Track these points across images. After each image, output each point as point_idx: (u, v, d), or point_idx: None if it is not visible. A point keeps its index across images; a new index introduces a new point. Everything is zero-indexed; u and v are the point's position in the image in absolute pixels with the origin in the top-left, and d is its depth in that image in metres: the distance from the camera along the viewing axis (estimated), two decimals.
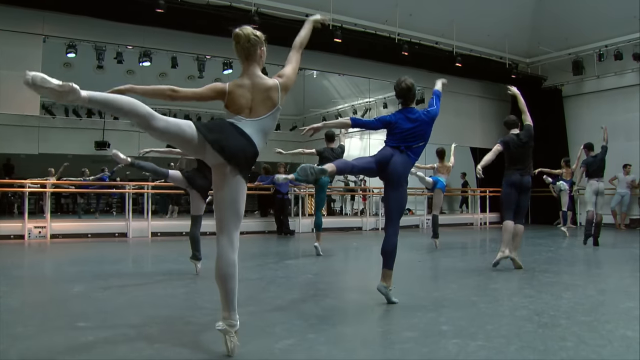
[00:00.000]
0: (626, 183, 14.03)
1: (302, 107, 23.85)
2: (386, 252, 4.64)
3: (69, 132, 20.08)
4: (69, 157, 20.20)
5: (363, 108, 22.60)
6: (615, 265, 7.20)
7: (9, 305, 4.29)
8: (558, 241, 10.77)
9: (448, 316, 4.10)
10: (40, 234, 9.91)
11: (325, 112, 24.19)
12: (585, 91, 15.76)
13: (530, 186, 6.70)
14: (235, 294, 3.18)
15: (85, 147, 20.22)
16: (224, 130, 3.07)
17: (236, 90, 3.19)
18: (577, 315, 4.10)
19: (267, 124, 3.24)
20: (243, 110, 3.18)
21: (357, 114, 22.72)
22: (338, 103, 23.58)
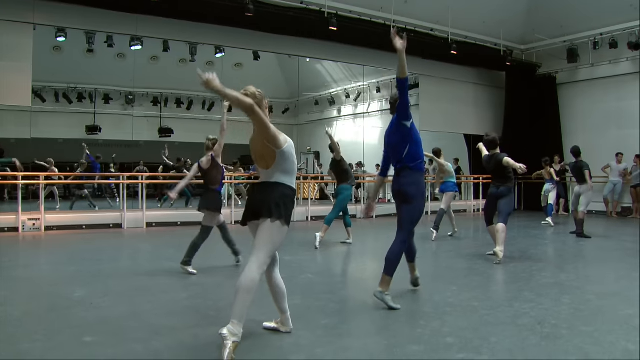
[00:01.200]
0: (618, 172, 14.15)
1: (295, 91, 23.75)
2: (389, 259, 4.74)
3: (59, 116, 19.84)
4: (59, 142, 20.10)
5: (356, 92, 22.55)
6: (610, 262, 7.26)
7: (11, 315, 4.27)
8: (549, 232, 10.87)
9: (452, 326, 4.14)
10: (34, 226, 9.83)
11: (317, 96, 24.13)
12: (580, 79, 15.77)
13: (507, 193, 7.23)
14: (244, 307, 3.40)
15: (76, 132, 20.03)
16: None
17: (251, 144, 3.67)
18: (578, 325, 4.16)
19: (282, 166, 3.58)
20: (258, 162, 3.64)
21: (350, 98, 22.76)
22: (331, 87, 23.48)
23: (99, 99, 20.32)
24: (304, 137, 24.51)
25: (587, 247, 8.75)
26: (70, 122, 20.02)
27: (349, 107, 23.66)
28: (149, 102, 21.60)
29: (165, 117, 22.13)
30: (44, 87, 18.76)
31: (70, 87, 19.76)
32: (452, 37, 14.65)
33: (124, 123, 21.16)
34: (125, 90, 20.68)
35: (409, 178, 4.75)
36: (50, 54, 17.27)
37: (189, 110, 22.66)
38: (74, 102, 19.94)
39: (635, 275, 6.13)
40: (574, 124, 15.80)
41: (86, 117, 20.21)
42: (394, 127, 4.85)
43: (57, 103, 19.83)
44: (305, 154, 24.91)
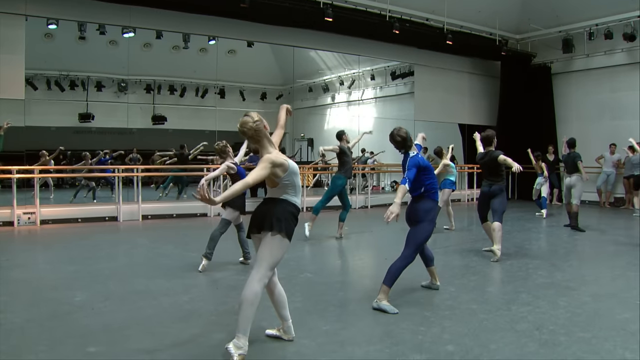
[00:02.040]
0: (612, 162, 14.25)
1: (289, 77, 23.61)
2: (390, 271, 4.96)
3: (51, 104, 19.66)
4: (52, 130, 19.94)
5: (350, 79, 22.50)
6: (605, 260, 7.32)
7: (13, 323, 4.28)
8: (543, 224, 10.97)
9: (452, 332, 4.20)
10: (29, 220, 9.79)
11: (312, 83, 24.05)
12: (574, 69, 15.78)
13: (499, 192, 7.25)
14: (248, 320, 3.51)
15: (69, 119, 19.92)
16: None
17: None
18: (575, 330, 4.23)
19: (286, 187, 3.72)
20: (266, 180, 3.69)
21: (344, 85, 22.72)
22: (325, 74, 23.41)
23: (91, 87, 20.14)
24: (297, 124, 24.46)
25: (582, 242, 8.84)
26: (63, 110, 19.87)
27: (343, 94, 23.61)
28: (142, 90, 21.44)
29: (158, 105, 22.00)
30: (35, 74, 18.53)
31: (62, 74, 19.56)
32: (447, 27, 14.59)
33: (116, 111, 20.99)
34: (117, 77, 20.46)
35: (423, 204, 5.08)
36: (42, 42, 17.06)
37: (182, 98, 22.55)
38: (66, 90, 19.76)
39: (630, 275, 6.23)
40: (568, 114, 15.85)
41: (79, 105, 20.06)
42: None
43: (49, 91, 19.63)
44: (299, 141, 24.90)
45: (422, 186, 5.07)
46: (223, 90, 21.82)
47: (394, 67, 19.24)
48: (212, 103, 22.28)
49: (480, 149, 7.66)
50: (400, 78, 19.82)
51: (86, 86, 20.11)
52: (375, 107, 22.50)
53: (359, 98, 22.77)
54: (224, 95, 22.34)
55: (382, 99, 21.98)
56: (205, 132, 21.25)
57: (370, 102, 22.62)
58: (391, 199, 5.38)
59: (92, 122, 19.96)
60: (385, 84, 21.30)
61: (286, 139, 27.13)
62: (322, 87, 23.44)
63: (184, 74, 22.02)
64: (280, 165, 3.61)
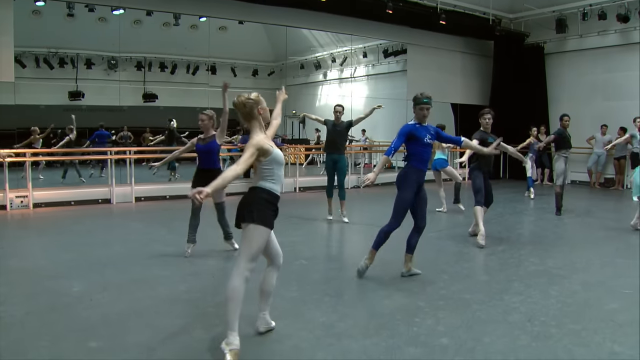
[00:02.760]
0: (602, 143, 14.34)
1: (280, 54, 23.42)
2: (378, 234, 5.60)
3: (40, 82, 19.42)
4: (42, 108, 19.74)
5: (342, 57, 22.38)
6: (594, 246, 7.42)
7: (13, 316, 4.32)
8: (534, 206, 11.05)
9: (446, 324, 4.28)
10: (22, 204, 9.76)
11: (303, 60, 23.90)
12: (567, 49, 15.76)
13: (470, 173, 7.68)
14: (234, 316, 3.58)
15: (59, 98, 19.69)
16: None
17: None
18: (566, 322, 4.33)
19: (263, 173, 3.72)
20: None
21: (335, 62, 22.60)
22: (317, 51, 23.26)
23: (81, 65, 19.88)
24: (289, 101, 24.29)
25: (572, 226, 8.97)
26: (52, 88, 19.64)
27: (335, 71, 23.49)
28: (132, 67, 21.21)
29: (149, 82, 21.79)
30: (23, 52, 18.25)
31: (51, 52, 19.27)
32: (440, 6, 14.49)
33: (107, 88, 20.78)
34: (107, 55, 20.23)
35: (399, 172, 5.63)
36: (30, 19, 16.78)
37: (173, 75, 22.34)
38: (55, 68, 19.52)
39: (618, 262, 6.36)
40: (561, 94, 15.88)
41: (68, 83, 19.83)
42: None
43: (38, 69, 19.37)
44: (290, 118, 24.83)
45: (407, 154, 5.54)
46: (214, 67, 21.62)
47: (386, 45, 19.15)
48: (204, 80, 22.13)
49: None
50: (393, 56, 19.74)
51: (76, 64, 19.87)
52: (367, 84, 22.42)
53: (351, 75, 22.68)
54: (215, 72, 22.18)
55: (375, 76, 21.90)
56: (197, 110, 21.15)
57: (362, 79, 22.53)
58: (382, 178, 5.67)
59: (83, 100, 19.75)
60: (378, 61, 21.20)
61: None
62: (314, 64, 23.32)
63: (174, 51, 21.76)
64: (265, 151, 3.63)
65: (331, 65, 23.05)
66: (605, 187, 14.55)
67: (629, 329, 4.18)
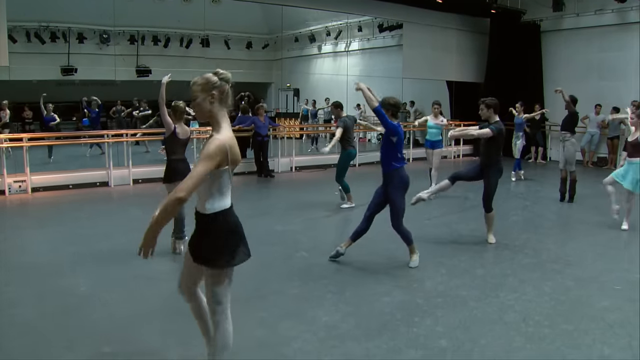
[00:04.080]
0: (596, 123, 14.50)
1: (275, 27, 23.22)
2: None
3: (32, 57, 19.20)
4: (34, 83, 19.56)
5: (337, 30, 22.27)
6: (588, 235, 7.57)
7: (27, 319, 4.45)
8: (530, 191, 11.19)
9: (444, 324, 4.47)
10: (20, 188, 9.82)
11: (298, 33, 23.72)
12: (564, 27, 15.73)
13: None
14: (204, 328, 3.37)
15: (51, 72, 19.52)
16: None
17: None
18: (559, 322, 4.52)
19: (208, 182, 2.89)
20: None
21: (330, 36, 22.46)
22: (311, 24, 23.09)
23: (72, 39, 19.65)
24: (284, 73, 24.20)
25: (566, 211, 9.12)
26: (44, 62, 19.45)
27: (329, 45, 23.36)
28: (125, 41, 21.04)
29: (142, 56, 21.61)
30: (14, 27, 18.01)
31: (42, 26, 19.04)
32: None
33: (100, 62, 20.62)
34: (99, 28, 20.03)
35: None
36: None
37: (167, 48, 22.15)
38: (47, 42, 19.30)
39: (611, 254, 6.56)
40: (556, 73, 15.91)
41: (60, 58, 19.64)
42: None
43: (29, 43, 19.15)
44: (284, 91, 24.79)
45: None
46: (207, 39, 21.42)
47: (381, 20, 19.03)
48: (197, 53, 21.97)
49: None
50: (388, 31, 19.64)
51: (67, 38, 19.64)
52: (362, 59, 22.34)
53: (345, 49, 22.58)
54: (209, 44, 21.99)
55: (370, 50, 21.82)
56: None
57: (356, 53, 22.45)
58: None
59: (75, 74, 19.60)
60: (373, 36, 21.10)
61: (272, 89, 26.96)
62: (308, 37, 23.15)
63: (167, 24, 21.56)
64: (225, 157, 2.82)
65: (326, 39, 22.92)
66: (598, 167, 14.73)
67: (618, 330, 4.38)
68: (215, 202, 2.91)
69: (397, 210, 5.81)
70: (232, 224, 2.98)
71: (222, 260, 2.93)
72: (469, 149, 17.27)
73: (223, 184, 2.90)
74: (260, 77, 25.84)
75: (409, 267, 5.94)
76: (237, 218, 3.02)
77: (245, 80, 24.33)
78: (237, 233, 2.99)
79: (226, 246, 2.93)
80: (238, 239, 2.99)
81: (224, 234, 2.94)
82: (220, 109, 2.92)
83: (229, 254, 2.93)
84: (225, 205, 2.94)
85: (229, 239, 2.95)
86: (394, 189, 5.78)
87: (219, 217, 2.92)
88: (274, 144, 13.63)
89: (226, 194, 2.94)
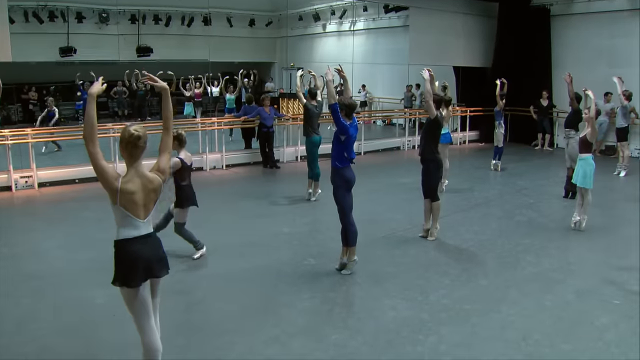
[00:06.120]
0: (605, 111, 14.58)
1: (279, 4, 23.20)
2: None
3: (31, 37, 19.25)
4: (32, 64, 19.67)
5: (342, 9, 22.24)
6: (589, 240, 7.75)
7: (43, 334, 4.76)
8: (535, 185, 11.29)
9: (447, 342, 4.78)
10: (27, 184, 10.07)
11: (302, 11, 23.72)
12: (574, 12, 15.73)
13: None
14: None
15: (49, 54, 19.59)
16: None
17: (129, 188, 3.44)
18: (558, 342, 4.81)
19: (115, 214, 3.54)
20: (139, 213, 3.52)
21: (335, 15, 22.43)
22: (315, 3, 23.09)
23: (71, 18, 19.67)
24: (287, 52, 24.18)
25: (570, 212, 9.11)
26: (43, 42, 19.51)
27: (334, 24, 23.34)
28: (125, 20, 21.05)
29: (143, 35, 21.64)
30: (12, 6, 18.02)
31: (40, 5, 19.06)
32: None
33: (100, 42, 20.69)
34: (98, 7, 20.06)
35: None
36: None
37: (168, 27, 22.18)
38: (45, 22, 19.34)
39: (611, 262, 6.80)
40: (565, 59, 15.96)
41: (59, 38, 19.69)
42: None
43: (27, 23, 19.20)
44: (287, 70, 24.81)
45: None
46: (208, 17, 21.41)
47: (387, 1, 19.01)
48: (199, 32, 22.00)
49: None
50: (394, 11, 19.63)
51: (66, 18, 19.67)
52: (367, 39, 22.33)
53: (350, 29, 22.57)
54: (211, 22, 21.99)
55: (375, 31, 21.80)
56: (193, 62, 21.17)
57: (362, 33, 22.43)
58: (385, 144, 6.08)
59: (75, 55, 19.66)
60: (378, 16, 21.08)
61: (275, 67, 26.99)
62: (312, 16, 23.13)
63: (168, 2, 21.55)
64: (111, 191, 3.43)
65: (330, 18, 22.89)
66: (606, 155, 14.89)
67: (615, 349, 4.68)
68: (119, 231, 3.55)
69: (341, 208, 6.22)
70: (120, 253, 3.56)
71: (113, 280, 3.58)
72: (475, 135, 17.42)
73: (119, 217, 3.53)
74: (263, 56, 25.88)
75: (340, 272, 6.34)
76: (128, 249, 3.54)
77: (248, 59, 24.40)
78: (123, 261, 3.54)
79: (116, 270, 3.55)
80: (121, 268, 3.54)
81: (116, 259, 3.57)
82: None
83: (115, 277, 3.57)
84: (123, 235, 3.53)
85: (116, 265, 3.56)
86: (336, 187, 6.19)
87: (116, 243, 3.57)
88: (279, 133, 13.79)
89: (127, 226, 3.52)
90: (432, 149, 7.45)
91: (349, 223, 6.27)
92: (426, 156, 7.47)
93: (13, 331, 4.86)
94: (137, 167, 3.50)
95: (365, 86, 21.26)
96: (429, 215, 7.66)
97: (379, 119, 20.21)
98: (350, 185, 6.20)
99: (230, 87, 17.24)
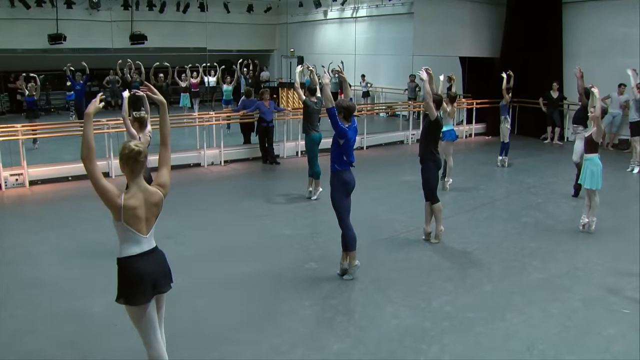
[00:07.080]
0: (619, 103, 14.62)
1: None
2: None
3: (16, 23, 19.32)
4: (19, 52, 19.75)
5: None
6: (599, 244, 7.84)
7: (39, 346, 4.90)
8: (543, 183, 11.32)
9: (451, 352, 4.95)
10: (17, 182, 10.17)
11: None
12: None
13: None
14: None
15: (37, 41, 19.68)
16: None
17: (131, 203, 3.60)
18: (563, 352, 4.97)
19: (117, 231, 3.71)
20: (142, 228, 3.67)
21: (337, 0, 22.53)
22: None
23: (60, 3, 19.72)
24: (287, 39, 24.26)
25: (579, 212, 8.84)
26: (30, 29, 19.59)
27: (336, 10, 23.36)
28: (118, 6, 21.14)
29: (136, 21, 21.72)
30: None
31: None
32: None
33: (91, 29, 20.78)
34: None
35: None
36: None
37: (162, 13, 22.25)
38: (32, 7, 19.39)
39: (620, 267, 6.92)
40: (577, 48, 16.01)
41: (47, 25, 19.76)
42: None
43: (12, 9, 19.27)
44: (287, 57, 24.87)
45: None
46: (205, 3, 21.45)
47: None
48: (195, 18, 22.08)
49: None
50: None
51: (55, 3, 19.71)
52: (370, 26, 22.39)
53: (352, 15, 22.60)
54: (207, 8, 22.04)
55: (378, 18, 21.86)
56: (190, 49, 21.26)
57: (364, 20, 22.49)
58: (388, 138, 6.21)
59: (65, 43, 19.72)
60: (382, 2, 21.12)
61: (274, 55, 27.03)
62: (313, 2, 23.14)
63: None
64: (114, 209, 3.58)
65: (332, 4, 22.91)
66: (619, 149, 14.97)
67: None
68: (122, 248, 3.69)
69: (338, 211, 6.38)
70: (124, 271, 3.69)
71: (117, 298, 3.74)
72: (482, 128, 17.53)
73: (122, 234, 3.68)
74: (262, 44, 25.95)
75: (341, 278, 6.50)
76: (133, 266, 3.66)
77: (246, 47, 24.46)
78: (127, 280, 3.68)
79: (119, 289, 3.71)
80: (126, 286, 3.68)
81: (119, 277, 3.72)
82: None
83: (120, 294, 3.73)
84: (126, 253, 3.67)
85: (120, 284, 3.71)
86: (334, 191, 6.34)
87: (119, 261, 3.71)
88: (279, 127, 13.89)
89: (130, 242, 3.67)
90: (432, 149, 7.59)
91: (346, 227, 6.41)
92: (426, 157, 7.61)
93: (7, 343, 4.98)
94: (138, 182, 3.65)
95: (364, 76, 21.20)
96: (429, 218, 7.80)
97: (382, 111, 20.24)
98: (349, 188, 6.34)
99: (227, 77, 17.31)
